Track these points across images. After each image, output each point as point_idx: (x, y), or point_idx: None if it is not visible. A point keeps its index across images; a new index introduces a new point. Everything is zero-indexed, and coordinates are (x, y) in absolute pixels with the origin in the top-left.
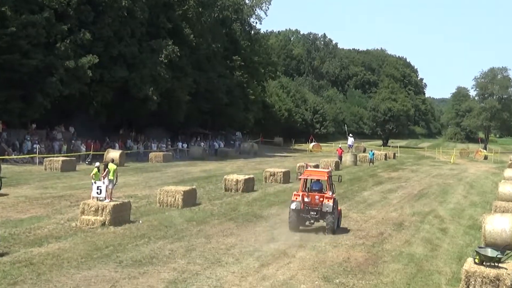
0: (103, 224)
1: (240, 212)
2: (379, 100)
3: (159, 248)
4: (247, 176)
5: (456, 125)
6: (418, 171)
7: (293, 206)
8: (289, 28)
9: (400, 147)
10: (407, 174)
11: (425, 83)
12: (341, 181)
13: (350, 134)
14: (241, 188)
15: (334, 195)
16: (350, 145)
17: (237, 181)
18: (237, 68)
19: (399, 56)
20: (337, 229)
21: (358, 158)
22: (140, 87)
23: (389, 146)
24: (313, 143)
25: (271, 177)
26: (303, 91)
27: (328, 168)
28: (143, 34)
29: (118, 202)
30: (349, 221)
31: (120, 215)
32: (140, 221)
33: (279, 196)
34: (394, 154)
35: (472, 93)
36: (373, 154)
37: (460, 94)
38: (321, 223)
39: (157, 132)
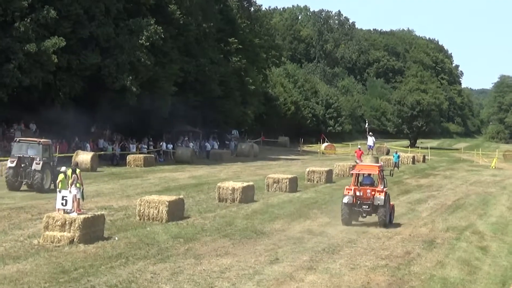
0: (71, 241)
1: (237, 227)
2: (405, 92)
3: (139, 270)
4: (245, 184)
5: (499, 122)
6: (452, 178)
7: (345, 200)
8: (297, 5)
9: (431, 148)
10: (440, 181)
11: (461, 71)
12: (393, 175)
13: (371, 133)
14: (238, 198)
15: (386, 189)
16: (370, 146)
17: (233, 189)
18: (234, 53)
19: (429, 39)
20: (389, 224)
21: (380, 162)
22: (116, 76)
23: (418, 147)
24: (325, 144)
25: (275, 184)
26: (314, 80)
27: (380, 163)
28: (120, 11)
29: (89, 215)
30: (370, 238)
31: (92, 230)
32: (116, 238)
33: (284, 208)
34: (424, 156)
35: None
36: (398, 156)
37: (504, 84)
38: (373, 217)
39: (137, 130)
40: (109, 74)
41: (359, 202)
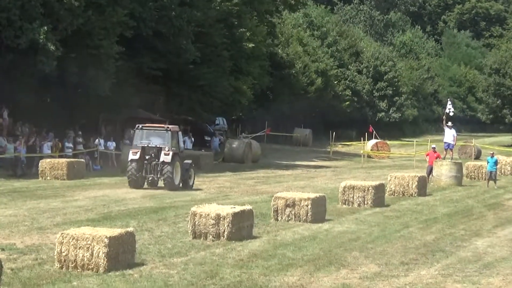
0: None
1: (224, 281)
2: (508, 53)
3: None
4: (238, 209)
5: None
6: None
7: None
8: None
9: None
10: None
11: None
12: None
13: (450, 123)
14: (226, 233)
15: None
16: (449, 144)
17: (217, 218)
18: None
19: None
20: None
21: (465, 171)
22: (21, 26)
23: None
24: (374, 141)
25: (288, 209)
26: (354, 33)
27: None
28: None
29: None
30: None
31: None
32: None
33: (303, 249)
34: None
35: None
36: (496, 162)
37: None
38: None
39: (57, 118)
40: (9, 22)
41: None
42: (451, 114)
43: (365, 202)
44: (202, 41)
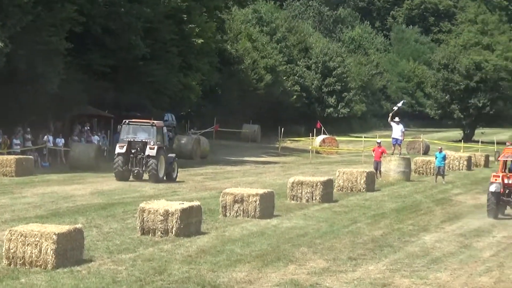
0: None
1: (172, 277)
2: (456, 49)
3: None
4: (186, 205)
5: None
6: None
7: (492, 188)
8: None
9: (498, 144)
10: None
11: None
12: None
13: (397, 118)
14: (174, 229)
15: None
16: (397, 139)
17: (166, 214)
18: None
19: None
20: None
21: (413, 166)
22: None
23: (477, 142)
24: (322, 137)
25: (237, 205)
26: (303, 29)
27: None
28: None
29: None
30: None
31: None
32: None
33: (251, 245)
34: (487, 157)
35: None
36: (444, 157)
37: None
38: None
39: (4, 115)
40: None
41: (507, 191)
42: (398, 107)
43: (314, 198)
44: (151, 37)
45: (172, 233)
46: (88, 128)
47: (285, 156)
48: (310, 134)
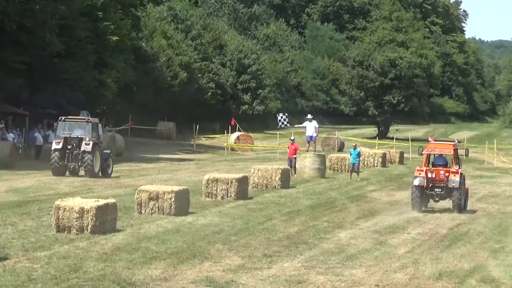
0: None
1: (88, 274)
2: (371, 46)
3: None
4: (101, 202)
5: None
6: None
7: (416, 182)
8: None
9: (413, 140)
10: None
11: (464, 12)
12: (468, 155)
13: (309, 115)
14: (90, 226)
15: (461, 170)
16: (311, 136)
17: (81, 211)
18: None
19: None
20: (464, 209)
21: (328, 163)
22: None
23: (392, 139)
24: (237, 134)
25: (152, 203)
26: (218, 27)
27: (454, 141)
28: None
29: None
30: None
31: None
32: None
33: (167, 242)
34: (402, 154)
35: None
36: (359, 154)
37: None
38: (446, 201)
39: None
40: None
41: (431, 185)
42: (282, 126)
43: (229, 195)
44: (66, 34)
45: (87, 230)
46: (3, 125)
47: (200, 153)
48: (225, 131)
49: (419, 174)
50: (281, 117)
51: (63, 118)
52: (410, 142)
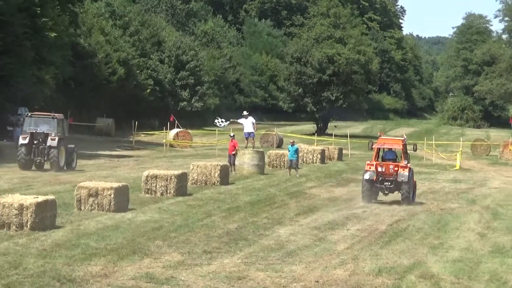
0: None
1: (27, 271)
2: (309, 42)
3: None
4: (41, 199)
5: (464, 92)
6: None
7: (366, 176)
8: None
9: (351, 136)
10: None
11: (402, 8)
12: (416, 149)
13: (245, 112)
14: (29, 223)
15: (409, 165)
16: (249, 133)
17: (20, 208)
18: None
19: None
20: (412, 201)
21: (267, 159)
22: None
23: (330, 135)
24: (176, 130)
25: (91, 199)
26: (156, 23)
27: (403, 136)
28: None
29: None
30: None
31: None
32: None
33: (106, 238)
34: (341, 151)
35: (497, 26)
36: (297, 151)
37: (472, 30)
38: (395, 194)
39: None
40: None
41: (381, 178)
42: (221, 126)
43: (168, 191)
44: (3, 30)
45: (27, 227)
46: None
47: (139, 149)
48: (164, 127)
49: (370, 168)
50: (218, 120)
51: (29, 114)
52: (349, 138)
